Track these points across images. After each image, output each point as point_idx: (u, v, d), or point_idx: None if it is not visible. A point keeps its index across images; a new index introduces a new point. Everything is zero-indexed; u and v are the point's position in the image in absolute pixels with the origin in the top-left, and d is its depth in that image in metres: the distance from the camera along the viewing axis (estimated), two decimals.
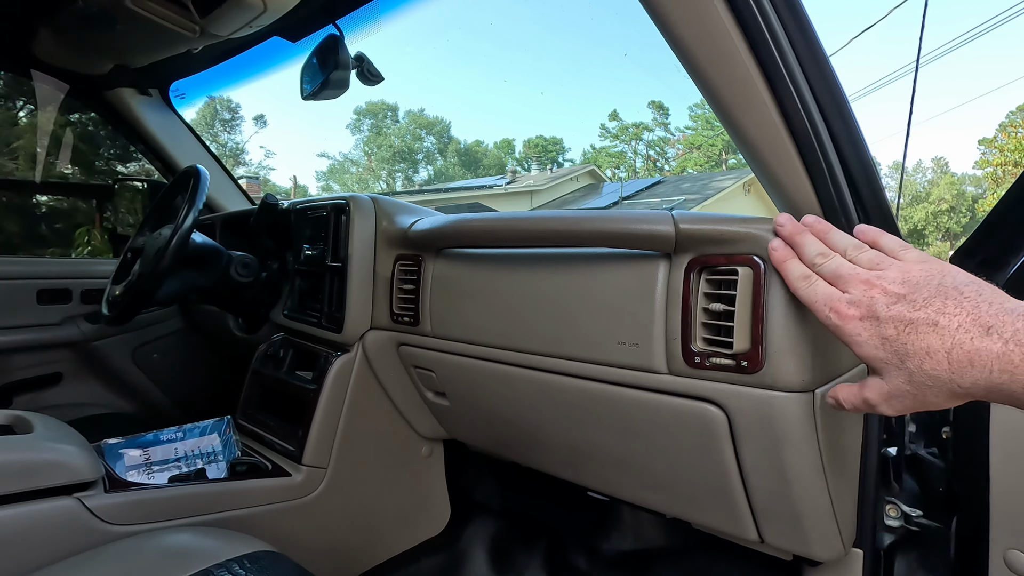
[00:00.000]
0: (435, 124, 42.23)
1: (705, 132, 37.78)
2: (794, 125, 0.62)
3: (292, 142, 66.92)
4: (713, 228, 0.62)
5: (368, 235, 1.05)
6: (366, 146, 41.90)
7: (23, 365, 1.55)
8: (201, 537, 0.76)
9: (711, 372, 0.63)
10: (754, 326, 0.59)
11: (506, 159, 43.64)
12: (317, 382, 1.05)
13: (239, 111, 31.91)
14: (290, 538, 0.97)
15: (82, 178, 2.60)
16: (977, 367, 0.41)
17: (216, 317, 1.54)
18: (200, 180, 1.12)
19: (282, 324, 1.24)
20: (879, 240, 0.52)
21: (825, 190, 0.66)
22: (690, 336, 0.64)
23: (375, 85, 1.25)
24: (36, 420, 0.85)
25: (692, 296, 0.64)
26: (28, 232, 2.37)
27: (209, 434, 1.08)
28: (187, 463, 1.03)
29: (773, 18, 0.57)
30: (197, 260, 1.21)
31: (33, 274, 1.56)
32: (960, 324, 0.42)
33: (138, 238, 1.22)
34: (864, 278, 0.48)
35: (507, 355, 0.84)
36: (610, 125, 41.42)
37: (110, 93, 1.52)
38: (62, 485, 0.76)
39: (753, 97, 0.60)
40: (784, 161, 0.65)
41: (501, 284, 0.84)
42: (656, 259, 0.67)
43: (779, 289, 0.58)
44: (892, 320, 0.45)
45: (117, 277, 1.21)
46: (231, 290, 1.27)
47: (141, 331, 1.70)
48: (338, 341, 1.07)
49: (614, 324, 0.70)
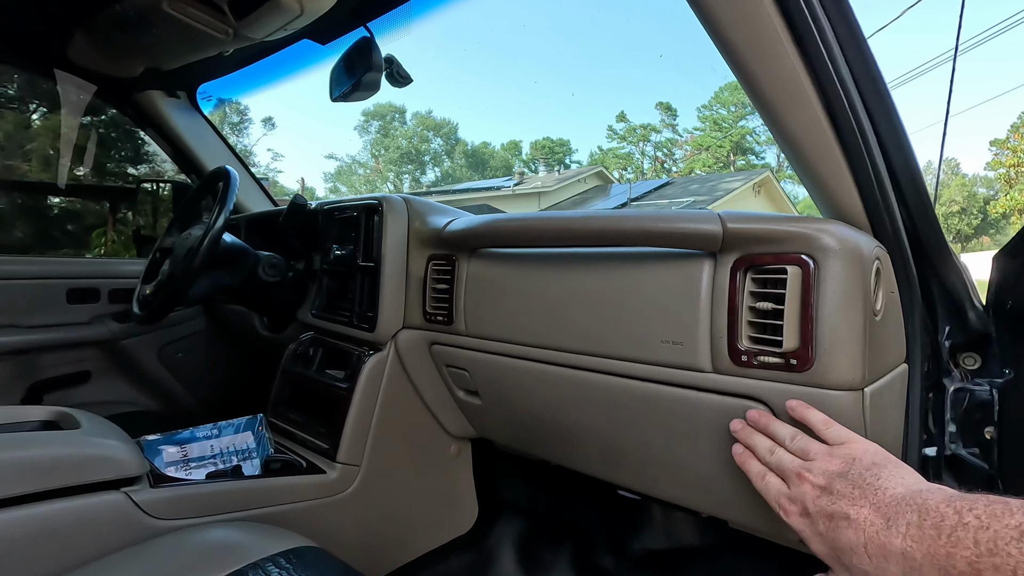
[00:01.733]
0: (442, 126, 42.35)
1: (713, 134, 37.66)
2: (841, 127, 0.62)
3: (300, 144, 67.28)
4: (762, 228, 0.62)
5: (401, 235, 1.07)
6: (373, 148, 42.08)
7: (53, 363, 1.57)
8: (245, 533, 0.77)
9: (758, 371, 0.63)
10: (803, 325, 0.59)
11: (513, 161, 43.69)
12: (350, 381, 1.06)
13: (247, 113, 32.12)
14: (326, 534, 0.98)
15: (95, 180, 2.63)
16: (892, 562, 0.40)
17: (241, 317, 1.56)
18: (231, 182, 1.14)
19: (310, 323, 1.26)
20: (807, 416, 0.55)
21: (871, 195, 0.66)
22: (736, 335, 0.64)
23: (404, 87, 1.26)
24: (82, 416, 0.86)
25: (738, 295, 0.64)
26: (43, 234, 2.40)
27: (243, 432, 1.09)
28: (222, 460, 1.05)
29: (823, 19, 0.58)
30: (227, 260, 1.22)
31: (62, 274, 1.58)
32: (866, 516, 0.43)
33: (167, 238, 1.24)
34: (797, 471, 0.51)
35: (544, 353, 0.85)
36: (617, 126, 41.40)
37: (139, 95, 1.55)
38: (110, 480, 0.77)
39: (801, 98, 0.61)
40: (830, 164, 0.65)
41: (538, 283, 0.85)
42: (701, 258, 0.68)
43: (829, 288, 0.58)
44: (819, 515, 0.47)
45: (147, 277, 1.23)
46: (259, 290, 1.28)
47: (166, 330, 1.73)
48: (370, 340, 1.08)
49: (658, 323, 0.70)
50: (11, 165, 2.34)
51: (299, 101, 55.42)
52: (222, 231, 1.09)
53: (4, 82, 2.00)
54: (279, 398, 1.23)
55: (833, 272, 0.58)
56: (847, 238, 0.59)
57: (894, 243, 0.70)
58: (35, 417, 0.86)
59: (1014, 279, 0.71)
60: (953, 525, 0.38)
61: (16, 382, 1.52)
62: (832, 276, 0.58)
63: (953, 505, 0.39)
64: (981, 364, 0.78)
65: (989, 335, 0.76)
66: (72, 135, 1.79)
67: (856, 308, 0.58)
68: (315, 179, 49.47)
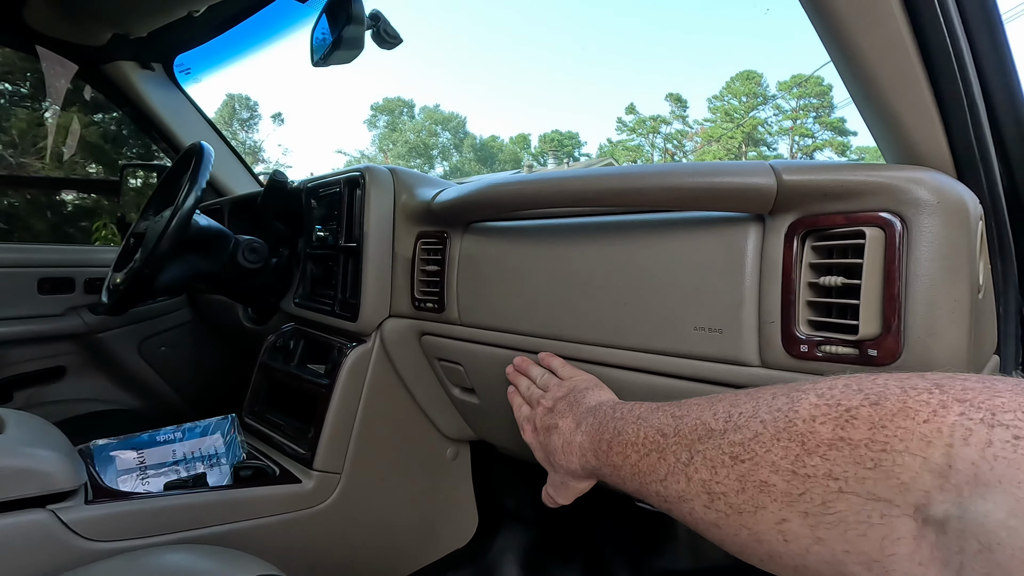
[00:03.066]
0: (450, 119, 42.16)
1: (724, 125, 37.17)
2: (932, 46, 0.48)
3: (310, 139, 67.43)
4: (830, 179, 0.48)
5: (386, 211, 0.93)
6: (382, 142, 42.01)
7: (24, 358, 1.46)
8: (196, 557, 0.64)
9: (823, 364, 0.49)
10: (887, 304, 0.45)
11: (522, 154, 43.42)
12: (330, 376, 0.94)
13: (257, 109, 32.14)
14: (299, 554, 0.85)
15: (87, 170, 2.52)
16: (576, 455, 0.52)
17: (225, 308, 1.44)
18: (203, 157, 1.02)
19: (293, 313, 1.13)
20: (551, 363, 0.68)
21: (963, 139, 0.51)
22: (793, 318, 0.50)
23: (392, 48, 1.12)
24: (11, 418, 0.74)
25: (795, 268, 0.50)
26: (33, 225, 2.30)
27: (211, 434, 0.97)
28: (186, 467, 0.92)
29: None
30: (201, 244, 1.10)
31: (34, 262, 1.47)
32: (567, 425, 0.55)
33: (140, 223, 1.13)
34: (537, 399, 0.64)
35: (550, 345, 0.71)
36: (627, 118, 40.93)
37: (110, 67, 1.42)
38: (33, 496, 0.65)
39: (880, 8, 0.46)
40: (911, 97, 0.50)
41: (542, 261, 0.71)
42: (745, 223, 0.53)
43: (924, 255, 0.44)
44: (542, 429, 0.60)
45: (119, 264, 1.12)
46: (239, 277, 1.16)
47: (148, 323, 1.61)
48: (353, 331, 0.95)
49: (690, 306, 0.56)
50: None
51: (308, 96, 55.55)
52: (192, 211, 0.97)
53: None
54: (255, 396, 1.10)
55: (930, 233, 0.44)
56: (948, 189, 0.45)
57: (989, 203, 0.55)
58: None
59: None
60: (608, 419, 0.49)
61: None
62: (928, 239, 0.44)
63: (616, 408, 0.50)
64: None
65: None
66: (42, 114, 1.67)
67: (961, 281, 0.44)
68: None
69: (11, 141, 2.10)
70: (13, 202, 2.23)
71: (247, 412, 1.09)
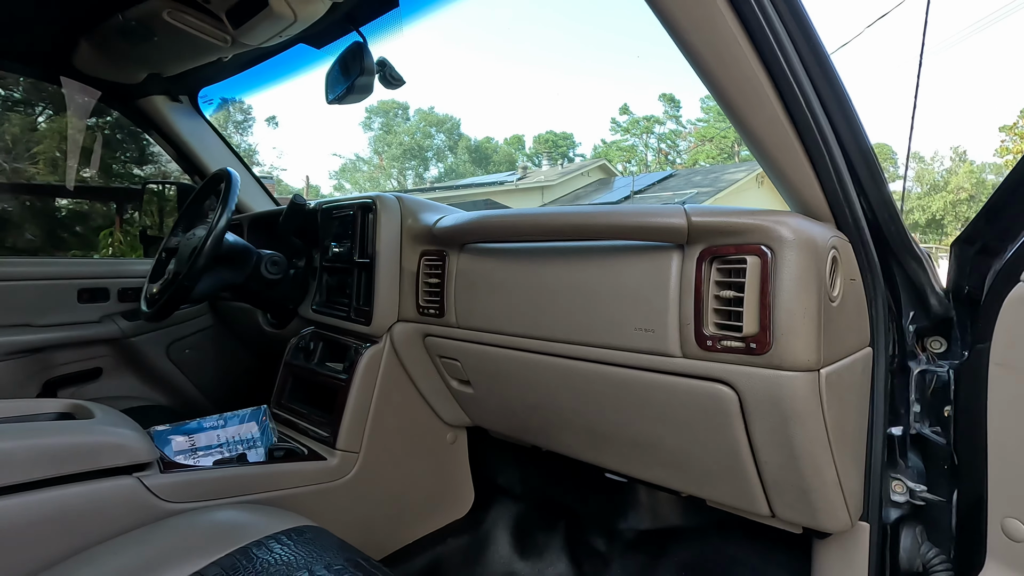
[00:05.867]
0: (445, 121, 42.31)
1: (717, 124, 37.39)
2: (799, 122, 0.66)
3: (304, 142, 67.38)
4: (724, 220, 0.66)
5: (394, 232, 1.11)
6: (377, 145, 42.11)
7: (66, 361, 1.63)
8: (249, 513, 0.82)
9: (722, 355, 0.67)
10: (762, 311, 0.64)
11: (516, 155, 43.59)
12: (348, 372, 1.11)
13: (251, 112, 32.20)
14: (326, 517, 1.03)
15: (101, 181, 2.68)
16: None
17: (245, 313, 1.61)
18: (232, 183, 1.19)
19: (311, 318, 1.31)
20: None
21: (831, 187, 0.70)
22: (702, 321, 0.68)
23: (397, 88, 1.30)
24: (95, 408, 0.91)
25: (704, 284, 0.69)
26: (51, 234, 2.46)
27: (248, 422, 1.14)
28: (228, 449, 1.10)
29: (776, 22, 0.62)
30: (230, 259, 1.27)
31: (73, 274, 1.64)
32: None
33: (172, 239, 1.29)
34: None
35: (530, 343, 0.89)
36: (621, 119, 41.22)
37: (143, 100, 1.60)
38: (123, 466, 0.82)
39: (760, 97, 0.65)
40: (792, 160, 0.69)
41: (522, 276, 0.89)
42: (669, 250, 0.72)
43: (785, 276, 0.62)
44: None
45: (153, 276, 1.28)
46: (261, 287, 1.33)
47: (174, 328, 1.78)
48: (367, 333, 1.13)
49: (631, 311, 0.75)
50: (19, 168, 2.40)
51: (302, 100, 55.45)
52: (224, 231, 1.14)
53: (10, 87, 2.05)
54: (282, 390, 1.28)
55: (788, 261, 0.62)
56: (802, 229, 0.64)
57: (855, 233, 0.74)
58: (51, 409, 0.92)
59: (970, 266, 0.75)
60: None
61: (32, 379, 1.58)
62: (787, 265, 0.62)
63: None
64: (946, 347, 0.82)
65: (951, 319, 0.80)
66: (79, 138, 1.84)
67: (810, 294, 0.62)
68: (320, 176, 49.54)
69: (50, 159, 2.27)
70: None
71: (275, 404, 1.26)
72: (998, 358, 0.67)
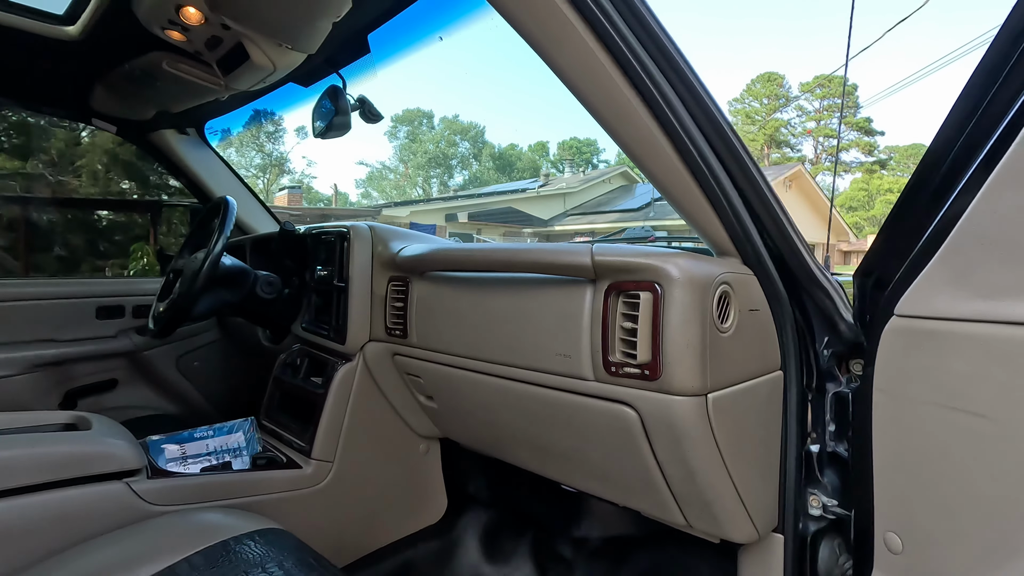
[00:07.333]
0: (469, 129, 42.75)
1: (746, 127, 36.88)
2: (695, 170, 0.74)
3: (333, 151, 68.86)
4: (622, 260, 0.74)
5: (366, 259, 1.21)
6: (402, 153, 42.76)
7: (85, 373, 1.78)
8: (224, 515, 0.92)
9: (625, 379, 0.75)
10: (654, 341, 0.71)
11: (540, 162, 43.73)
12: (324, 387, 1.21)
13: (281, 123, 33.09)
14: (299, 521, 1.13)
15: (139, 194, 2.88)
16: None
17: (248, 329, 1.73)
18: (228, 210, 1.30)
19: (300, 336, 1.42)
20: None
21: (731, 227, 0.77)
22: (609, 349, 0.76)
23: (376, 123, 1.41)
24: (94, 419, 1.03)
25: (611, 315, 0.76)
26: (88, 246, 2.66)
27: (235, 432, 1.25)
28: (216, 457, 1.21)
29: (664, 83, 0.69)
30: (227, 280, 1.39)
31: (91, 293, 1.79)
32: None
33: (179, 260, 1.42)
34: None
35: (475, 364, 0.98)
36: None
37: (154, 134, 1.74)
38: (114, 472, 0.94)
39: (657, 147, 0.72)
40: (694, 204, 0.76)
41: (468, 303, 0.98)
42: (584, 285, 0.80)
43: (672, 310, 0.70)
44: None
45: (162, 295, 1.40)
46: (257, 305, 1.44)
47: (183, 342, 1.92)
48: (342, 351, 1.23)
49: (552, 338, 0.83)
50: (64, 180, 2.62)
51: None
52: (220, 256, 1.25)
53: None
54: (270, 403, 1.39)
55: (675, 297, 0.70)
56: (688, 268, 0.71)
57: (758, 266, 0.81)
58: (57, 420, 1.04)
59: (868, 297, 0.80)
60: None
61: (54, 389, 1.73)
62: (674, 300, 0.70)
63: None
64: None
65: (862, 343, 0.86)
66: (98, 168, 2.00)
67: (694, 327, 0.69)
68: (348, 184, 50.47)
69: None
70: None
71: (263, 416, 1.37)
72: (880, 384, 0.72)
